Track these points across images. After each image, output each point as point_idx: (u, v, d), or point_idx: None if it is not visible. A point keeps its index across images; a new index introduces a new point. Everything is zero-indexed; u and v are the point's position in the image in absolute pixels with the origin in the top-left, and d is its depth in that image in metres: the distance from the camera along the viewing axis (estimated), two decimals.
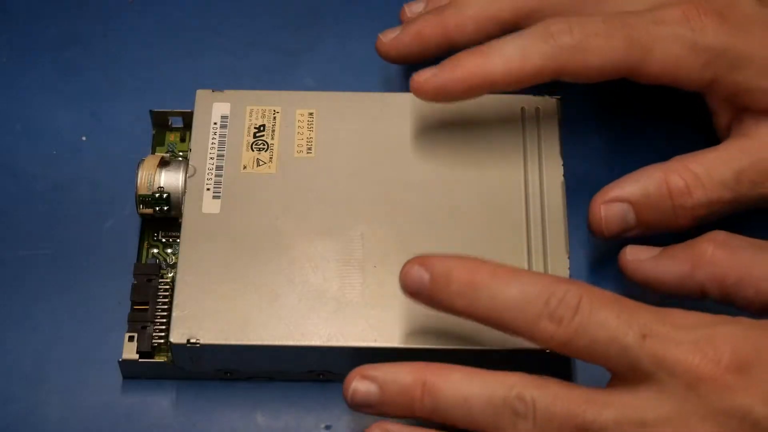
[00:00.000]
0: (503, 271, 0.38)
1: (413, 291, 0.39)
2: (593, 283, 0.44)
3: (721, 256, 0.40)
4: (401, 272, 0.40)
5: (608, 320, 0.37)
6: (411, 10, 0.50)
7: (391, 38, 0.48)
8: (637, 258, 0.42)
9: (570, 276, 0.43)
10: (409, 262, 0.39)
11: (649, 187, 0.43)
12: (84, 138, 0.49)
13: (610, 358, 0.37)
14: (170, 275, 0.45)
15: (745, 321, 0.37)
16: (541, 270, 0.43)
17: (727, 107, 0.44)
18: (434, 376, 0.38)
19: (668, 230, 0.43)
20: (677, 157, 0.43)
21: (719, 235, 0.41)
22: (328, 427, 0.43)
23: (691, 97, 0.46)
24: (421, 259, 0.39)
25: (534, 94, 0.47)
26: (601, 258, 0.47)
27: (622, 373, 0.37)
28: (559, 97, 0.47)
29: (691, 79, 0.43)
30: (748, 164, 0.43)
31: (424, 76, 0.44)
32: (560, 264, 0.43)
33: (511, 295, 0.38)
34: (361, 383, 0.39)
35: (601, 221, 0.43)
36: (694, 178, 0.42)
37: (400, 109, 0.47)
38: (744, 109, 0.44)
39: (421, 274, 0.39)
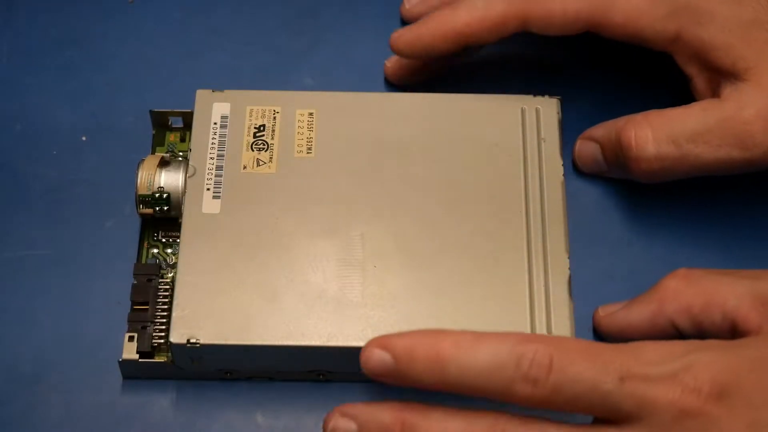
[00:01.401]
0: (466, 339, 0.37)
1: (378, 374, 0.37)
2: (595, 283, 0.44)
3: (683, 287, 0.41)
4: (361, 356, 0.37)
5: (583, 373, 0.36)
6: (409, 1, 0.52)
7: (394, 61, 0.50)
8: (608, 312, 0.43)
9: (570, 276, 0.43)
10: (367, 345, 0.37)
11: (611, 133, 0.46)
12: (84, 138, 0.49)
13: (593, 408, 0.37)
14: (170, 275, 0.45)
15: (718, 344, 0.37)
16: (541, 270, 0.43)
17: (700, 70, 0.45)
18: (413, 416, 0.37)
19: (630, 177, 0.45)
20: (649, 111, 0.44)
21: (680, 271, 0.42)
22: None
23: (692, 97, 0.46)
24: (380, 341, 0.37)
25: (534, 95, 0.47)
26: (601, 258, 0.47)
27: (607, 417, 0.37)
28: (559, 97, 0.47)
29: (655, 30, 0.44)
30: (705, 125, 0.43)
31: (399, 32, 0.47)
32: (560, 264, 0.43)
33: (480, 362, 0.36)
34: (341, 421, 0.38)
35: (576, 156, 0.48)
36: (647, 131, 0.43)
37: (400, 109, 0.47)
38: (715, 70, 0.44)
39: (383, 357, 0.37)
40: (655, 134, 0.43)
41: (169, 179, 0.45)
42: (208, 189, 0.44)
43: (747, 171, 0.43)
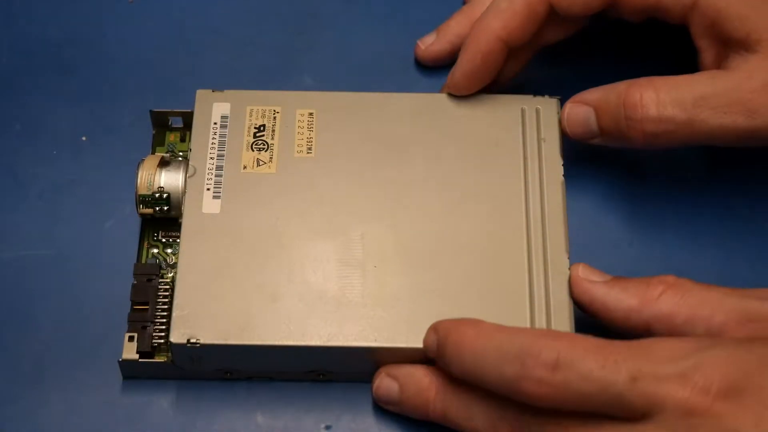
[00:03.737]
0: (486, 330, 0.39)
1: (430, 353, 0.41)
2: None
3: (670, 296, 0.40)
4: (425, 338, 0.41)
5: (593, 372, 0.36)
6: (424, 42, 0.51)
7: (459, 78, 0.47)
8: (588, 278, 0.42)
9: (569, 277, 0.43)
10: (430, 327, 0.41)
11: (610, 95, 0.44)
12: (84, 138, 0.49)
13: (603, 407, 0.37)
14: (170, 275, 0.45)
15: (729, 342, 0.37)
16: (541, 270, 0.43)
17: (711, 42, 0.45)
18: (447, 381, 0.40)
19: (626, 144, 0.44)
20: (653, 77, 0.44)
21: (669, 278, 0.41)
22: (328, 427, 0.43)
23: None
24: (435, 323, 0.41)
25: (534, 95, 0.47)
26: (601, 258, 0.46)
27: (616, 415, 0.37)
28: (559, 97, 0.47)
29: (675, 1, 0.44)
30: (713, 91, 0.43)
31: (451, 75, 0.46)
32: (560, 264, 0.43)
33: (489, 356, 0.38)
34: (385, 380, 0.42)
35: (565, 120, 0.46)
36: (652, 93, 0.43)
37: (400, 109, 0.47)
38: (726, 43, 0.44)
39: (433, 339, 0.41)
40: (661, 96, 0.43)
41: (169, 179, 0.45)
42: (208, 189, 0.44)
43: (749, 143, 0.43)
